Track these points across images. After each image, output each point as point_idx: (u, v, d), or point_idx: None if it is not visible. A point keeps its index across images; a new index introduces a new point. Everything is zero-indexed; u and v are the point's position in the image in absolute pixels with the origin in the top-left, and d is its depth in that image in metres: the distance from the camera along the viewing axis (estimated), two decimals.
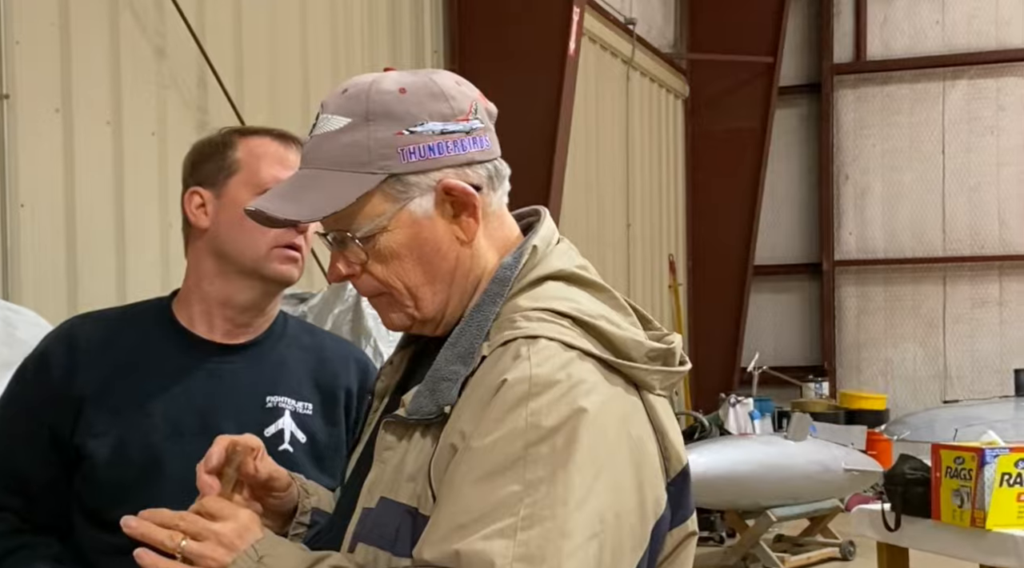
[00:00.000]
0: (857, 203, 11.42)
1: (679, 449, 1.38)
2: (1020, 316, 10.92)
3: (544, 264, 1.39)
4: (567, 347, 1.30)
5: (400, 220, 1.36)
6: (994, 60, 10.93)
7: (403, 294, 1.39)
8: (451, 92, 1.38)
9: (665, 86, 10.50)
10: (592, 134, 8.67)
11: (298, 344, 2.07)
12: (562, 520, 1.23)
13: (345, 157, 1.36)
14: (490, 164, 1.40)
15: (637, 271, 9.64)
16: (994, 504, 4.41)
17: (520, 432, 1.26)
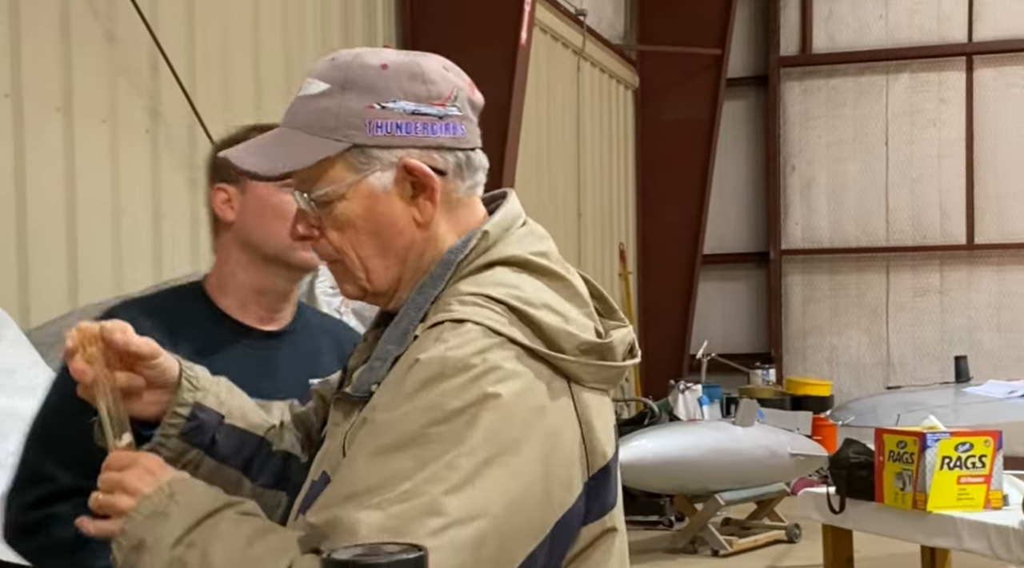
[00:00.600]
0: (803, 193, 11.53)
1: (604, 444, 1.36)
2: (960, 305, 11.09)
3: (496, 250, 1.39)
4: (492, 333, 1.30)
5: (358, 190, 1.38)
6: (935, 54, 11.07)
7: (355, 264, 1.41)
8: (433, 76, 1.39)
9: (615, 77, 10.53)
10: (543, 124, 8.68)
11: (320, 328, 2.17)
12: (435, 498, 1.22)
13: (316, 121, 1.38)
14: (461, 153, 1.40)
15: (588, 259, 9.67)
16: (935, 487, 4.49)
17: (423, 411, 1.26)
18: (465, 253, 1.38)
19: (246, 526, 1.32)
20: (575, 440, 1.33)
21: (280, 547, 1.28)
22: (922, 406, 6.44)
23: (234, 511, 1.35)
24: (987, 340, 10.79)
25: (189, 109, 5.04)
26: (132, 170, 4.84)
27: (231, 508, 1.35)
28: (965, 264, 11.09)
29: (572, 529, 1.33)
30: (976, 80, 11.00)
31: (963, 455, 4.54)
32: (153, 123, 5.00)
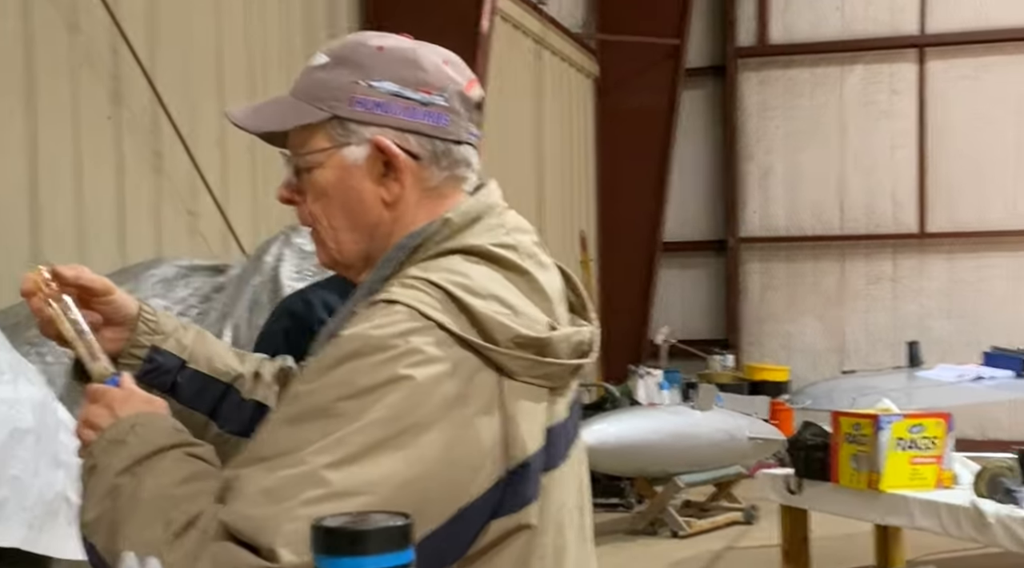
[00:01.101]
0: (761, 183, 11.61)
1: (527, 440, 1.33)
2: (912, 292, 11.23)
3: (458, 238, 1.40)
4: (421, 316, 1.30)
5: (334, 161, 1.42)
6: (888, 46, 11.19)
7: (327, 232, 1.45)
8: (426, 65, 1.42)
9: (575, 66, 10.55)
10: (504, 112, 8.68)
11: None
12: (318, 469, 1.23)
13: (308, 89, 1.44)
14: (440, 142, 1.42)
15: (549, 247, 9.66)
16: (888, 467, 4.56)
17: (335, 385, 1.27)
18: (423, 238, 1.40)
19: (186, 467, 1.33)
20: (493, 432, 1.31)
21: (202, 493, 1.29)
22: (876, 390, 6.53)
23: (183, 451, 1.36)
24: (937, 326, 10.94)
25: (151, 95, 5.01)
26: (94, 156, 4.80)
27: (182, 448, 1.36)
28: (916, 252, 11.23)
29: (476, 522, 1.31)
30: (927, 72, 11.12)
31: (915, 436, 4.61)
32: (115, 109, 4.95)
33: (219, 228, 5.44)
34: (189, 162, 5.20)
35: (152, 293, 3.40)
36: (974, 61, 10.92)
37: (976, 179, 10.98)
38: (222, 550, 1.23)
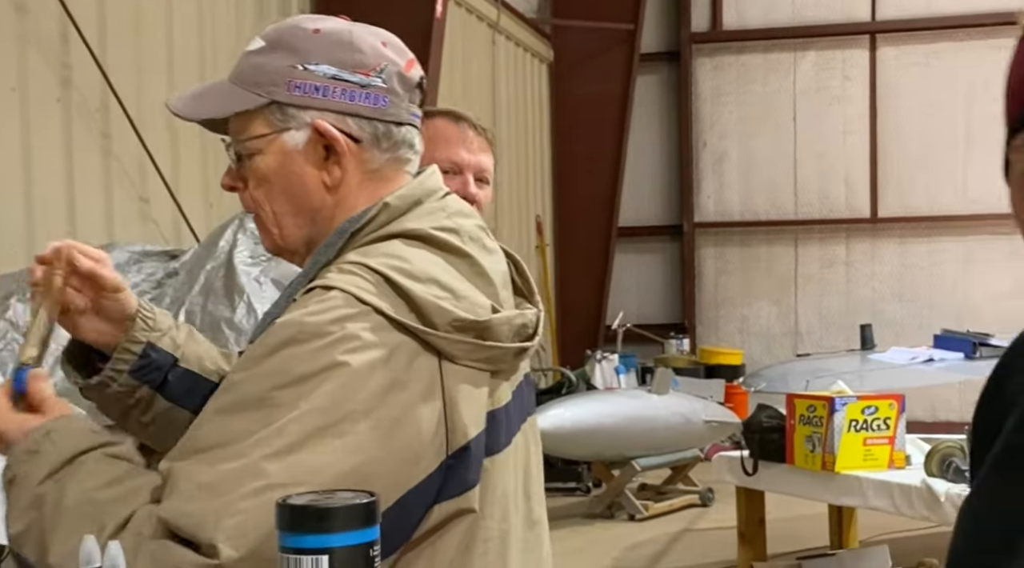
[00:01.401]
0: (715, 168, 11.66)
1: (468, 424, 1.32)
2: (865, 276, 11.34)
3: (398, 222, 1.39)
4: (357, 301, 1.29)
5: (274, 147, 1.41)
6: (840, 32, 11.26)
7: (270, 218, 1.44)
8: (363, 46, 1.41)
9: (530, 51, 10.53)
10: (459, 96, 8.65)
11: None
12: (257, 461, 1.21)
13: (246, 75, 1.43)
14: (381, 123, 1.41)
15: (504, 232, 9.68)
16: (842, 448, 4.60)
17: (271, 374, 1.26)
18: (362, 223, 1.38)
19: (110, 469, 1.32)
20: (433, 417, 1.30)
21: (130, 494, 1.28)
22: (830, 372, 6.58)
23: (103, 452, 1.34)
24: (889, 310, 11.05)
25: (101, 78, 4.93)
26: (43, 139, 4.72)
27: (102, 449, 1.34)
28: (869, 236, 11.34)
29: (419, 507, 1.31)
30: (879, 58, 11.21)
31: (869, 418, 4.66)
32: (64, 92, 4.87)
33: (171, 213, 5.38)
34: (139, 146, 5.13)
35: None
36: (924, 48, 11.02)
37: (927, 164, 11.09)
38: (160, 548, 1.22)
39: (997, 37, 10.59)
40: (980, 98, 10.60)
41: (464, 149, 2.28)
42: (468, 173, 2.28)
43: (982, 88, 10.51)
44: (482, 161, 2.31)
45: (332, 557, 0.85)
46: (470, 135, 2.29)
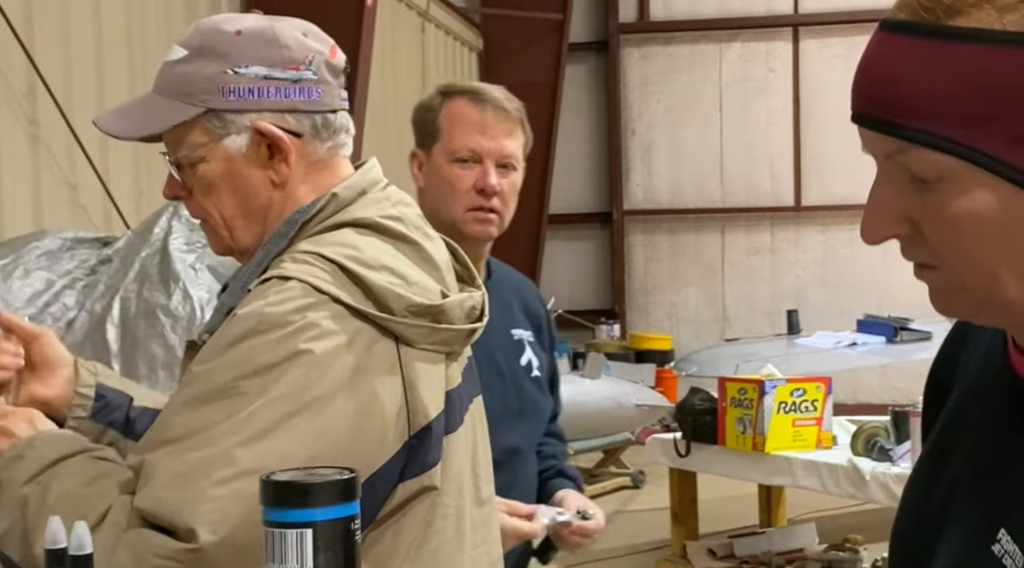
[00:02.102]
0: (644, 157, 11.75)
1: (428, 404, 1.36)
2: (789, 263, 11.53)
3: (346, 212, 1.41)
4: (315, 291, 1.31)
5: (216, 153, 1.41)
6: (764, 25, 11.41)
7: (219, 224, 1.45)
8: (287, 41, 1.41)
9: (460, 39, 10.51)
10: (390, 85, 8.61)
11: (505, 281, 2.29)
12: (228, 449, 1.24)
13: (175, 86, 1.42)
14: (317, 115, 1.42)
15: None
16: (772, 430, 4.69)
17: (235, 364, 1.28)
18: (312, 213, 1.40)
19: (91, 468, 1.33)
20: (395, 400, 1.33)
21: (109, 488, 1.30)
22: (758, 356, 6.69)
23: (85, 455, 1.36)
24: (813, 296, 11.24)
25: (27, 62, 4.81)
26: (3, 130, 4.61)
27: (84, 453, 1.36)
28: (793, 224, 11.51)
29: (385, 486, 1.35)
30: (802, 50, 11.38)
31: (797, 400, 4.75)
32: None
33: (101, 200, 5.27)
34: (68, 132, 5.02)
35: (37, 266, 3.28)
36: (845, 40, 11.20)
37: (848, 154, 11.23)
38: (138, 537, 1.24)
39: None
40: None
41: (483, 135, 2.12)
42: (488, 161, 2.12)
43: None
44: (504, 146, 2.13)
45: (316, 530, 0.88)
46: (490, 118, 2.12)
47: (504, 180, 2.12)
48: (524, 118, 2.19)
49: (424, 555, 1.39)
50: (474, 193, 2.09)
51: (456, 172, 2.12)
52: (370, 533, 1.35)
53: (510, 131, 2.14)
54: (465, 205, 2.10)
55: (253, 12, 1.49)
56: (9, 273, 3.19)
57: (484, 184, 2.08)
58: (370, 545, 1.35)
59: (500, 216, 2.12)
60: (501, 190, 2.10)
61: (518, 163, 2.15)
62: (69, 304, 3.17)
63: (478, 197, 2.08)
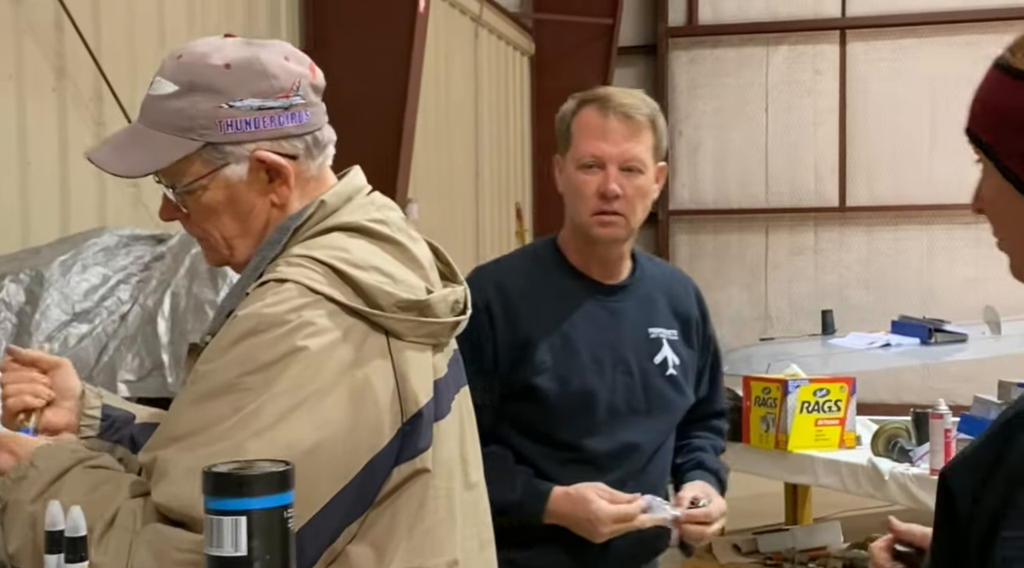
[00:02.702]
0: (690, 158, 11.77)
1: (419, 393, 1.43)
2: (832, 263, 11.48)
3: (334, 217, 1.47)
4: (310, 291, 1.37)
5: (217, 182, 1.47)
6: (811, 28, 11.37)
7: (220, 243, 1.51)
8: (274, 70, 1.46)
9: (512, 44, 10.60)
10: (442, 89, 8.73)
11: (653, 279, 2.36)
12: (239, 442, 1.30)
13: (170, 121, 1.45)
14: (308, 136, 1.49)
15: (486, 219, 9.78)
16: (795, 429, 4.75)
17: (238, 362, 1.34)
18: (303, 220, 1.47)
19: (90, 478, 1.39)
20: (388, 389, 1.40)
21: (113, 493, 1.35)
22: (790, 356, 6.70)
23: (83, 465, 1.41)
24: (855, 296, 11.19)
25: (94, 68, 5.01)
26: (39, 126, 4.80)
27: (82, 464, 1.41)
28: (837, 225, 11.46)
29: (383, 470, 1.41)
30: (848, 53, 11.32)
31: (820, 400, 4.80)
32: (59, 81, 4.95)
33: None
34: None
35: (94, 261, 3.44)
36: (891, 43, 11.14)
37: (893, 156, 11.22)
38: (155, 534, 1.30)
39: (959, 35, 10.74)
40: (944, 92, 10.72)
41: (605, 141, 2.20)
42: (611, 166, 2.19)
43: (945, 83, 10.63)
44: (627, 150, 2.19)
45: (250, 518, 0.94)
46: (613, 124, 2.19)
47: (629, 183, 2.20)
48: (656, 119, 2.24)
49: (418, 534, 1.46)
50: (597, 198, 2.19)
51: (582, 177, 2.22)
52: (370, 513, 1.42)
53: (633, 135, 2.20)
54: (590, 209, 2.20)
55: (227, 35, 1.52)
56: (68, 268, 3.35)
57: (605, 189, 2.18)
58: (370, 524, 1.42)
59: (626, 218, 2.21)
60: (624, 193, 2.18)
61: (645, 166, 2.21)
62: (123, 298, 3.33)
63: (601, 201, 2.19)
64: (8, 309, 3.23)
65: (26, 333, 3.11)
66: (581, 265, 2.28)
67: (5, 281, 3.29)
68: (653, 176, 2.24)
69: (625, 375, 2.24)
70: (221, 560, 0.95)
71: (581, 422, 2.19)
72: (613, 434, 2.14)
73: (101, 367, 3.19)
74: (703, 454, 2.45)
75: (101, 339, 3.22)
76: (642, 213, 2.25)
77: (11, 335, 3.05)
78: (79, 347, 3.18)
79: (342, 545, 1.39)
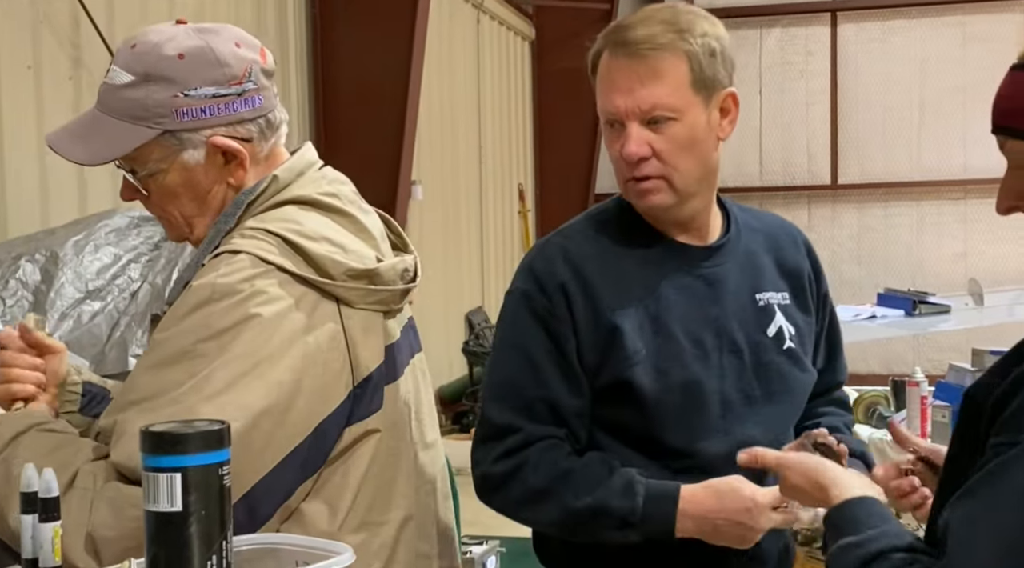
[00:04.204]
0: None
1: (369, 357, 1.45)
2: (825, 239, 11.48)
3: (287, 191, 1.49)
4: (262, 262, 1.39)
5: (175, 166, 1.48)
6: (804, 10, 11.35)
7: (180, 222, 1.53)
8: (226, 58, 1.47)
9: (513, 29, 10.60)
10: (445, 73, 8.75)
11: (753, 233, 1.83)
12: (192, 405, 1.31)
13: (127, 110, 1.46)
14: (261, 119, 1.50)
15: (489, 199, 9.82)
16: None
17: (193, 330, 1.36)
18: (256, 194, 1.48)
19: (47, 441, 1.41)
20: (339, 355, 1.42)
21: (70, 457, 1.36)
22: None
23: (38, 429, 1.43)
24: (848, 271, 11.21)
25: (109, 58, 5.05)
26: (56, 114, 4.86)
27: (36, 427, 1.43)
28: (830, 202, 11.47)
29: (334, 431, 1.43)
30: (839, 35, 11.31)
31: None
32: (75, 70, 5.00)
33: None
34: None
35: (105, 241, 3.50)
36: (881, 24, 11.12)
37: (883, 134, 11.22)
38: (115, 492, 1.32)
39: (945, 15, 10.71)
40: (932, 72, 10.73)
41: (616, 91, 1.64)
42: (631, 122, 1.64)
43: (934, 63, 10.64)
44: (644, 99, 1.62)
45: (185, 474, 0.95)
46: (621, 68, 1.63)
47: (659, 138, 1.64)
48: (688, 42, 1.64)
49: (370, 491, 1.48)
50: (624, 163, 1.66)
51: (608, 138, 1.70)
52: (323, 471, 1.44)
53: (650, 76, 1.62)
54: (623, 176, 1.68)
55: (180, 22, 1.52)
56: (81, 248, 3.41)
57: (626, 152, 1.64)
58: (323, 482, 1.44)
59: (666, 180, 1.65)
60: (656, 151, 1.63)
61: (677, 110, 1.63)
62: (134, 276, 3.39)
63: (628, 167, 1.65)
64: (25, 288, 3.29)
65: (41, 310, 3.17)
66: (661, 227, 1.73)
67: (22, 261, 3.36)
68: (700, 117, 1.66)
69: (734, 356, 1.71)
70: (158, 515, 0.96)
71: (689, 421, 1.65)
72: (729, 431, 1.64)
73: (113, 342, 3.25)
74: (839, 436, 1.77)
75: (113, 316, 3.28)
76: (696, 165, 1.67)
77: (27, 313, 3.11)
78: (92, 324, 3.24)
79: (296, 502, 1.42)
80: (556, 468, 1.63)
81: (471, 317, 9.23)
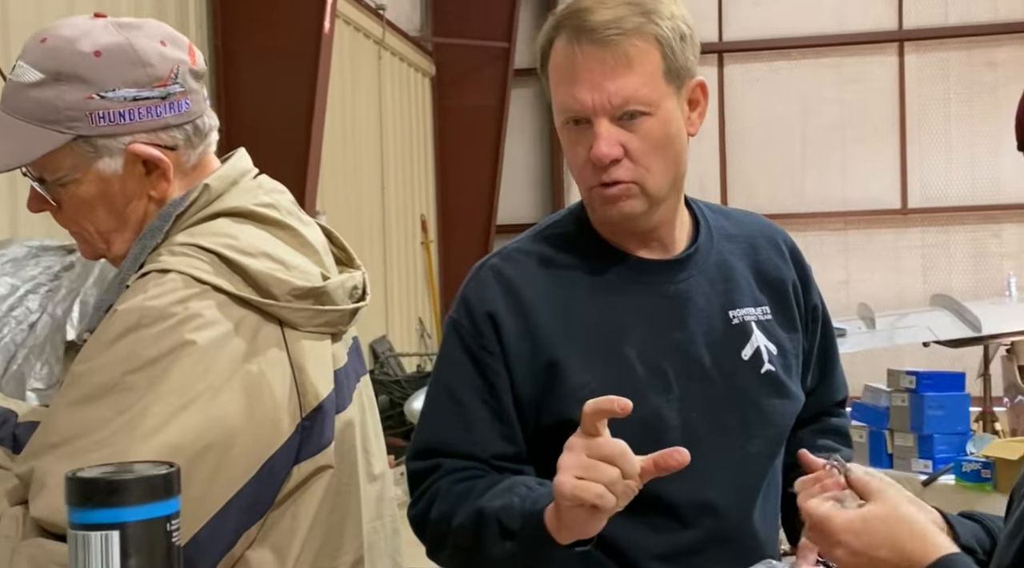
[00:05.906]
0: None
1: (318, 385, 1.27)
2: None
3: (220, 202, 1.31)
4: (196, 282, 1.22)
5: (90, 176, 1.29)
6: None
7: (95, 237, 1.34)
8: (150, 58, 1.28)
9: (414, 66, 10.57)
10: (348, 107, 8.66)
11: (727, 238, 1.56)
12: (123, 448, 1.14)
13: (35, 111, 1.27)
14: (188, 125, 1.32)
15: (392, 230, 9.72)
16: None
17: (121, 360, 1.18)
18: (185, 206, 1.30)
19: None
20: (285, 384, 1.24)
21: None
22: None
23: None
24: None
25: None
26: None
27: None
28: None
29: (281, 469, 1.25)
30: (726, 74, 11.56)
31: None
32: None
33: None
34: None
35: (1, 272, 3.30)
36: (765, 65, 11.41)
37: (769, 168, 11.49)
38: (37, 549, 1.15)
39: (823, 57, 11.06)
40: (813, 110, 11.05)
41: (580, 84, 1.38)
42: (599, 120, 1.39)
43: (814, 102, 10.95)
44: (615, 92, 1.37)
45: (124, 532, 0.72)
46: (585, 57, 1.37)
47: (632, 136, 1.40)
48: (657, 26, 1.40)
49: (321, 533, 1.31)
50: (590, 166, 1.41)
51: (568, 137, 1.43)
52: (271, 514, 1.27)
53: (620, 65, 1.38)
54: (587, 182, 1.43)
55: (97, 15, 1.31)
56: None
57: (595, 154, 1.39)
58: (271, 527, 1.27)
59: (639, 185, 1.41)
60: (628, 152, 1.39)
61: (651, 104, 1.40)
62: (32, 308, 3.19)
63: (597, 171, 1.41)
64: None
65: None
66: (618, 241, 1.48)
67: None
68: (674, 110, 1.44)
69: (701, 384, 1.44)
70: None
71: None
72: (694, 473, 1.26)
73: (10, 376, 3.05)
74: None
75: (10, 348, 3.07)
76: (669, 166, 1.45)
77: None
78: None
79: (240, 551, 1.25)
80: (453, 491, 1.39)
81: (375, 347, 9.09)
